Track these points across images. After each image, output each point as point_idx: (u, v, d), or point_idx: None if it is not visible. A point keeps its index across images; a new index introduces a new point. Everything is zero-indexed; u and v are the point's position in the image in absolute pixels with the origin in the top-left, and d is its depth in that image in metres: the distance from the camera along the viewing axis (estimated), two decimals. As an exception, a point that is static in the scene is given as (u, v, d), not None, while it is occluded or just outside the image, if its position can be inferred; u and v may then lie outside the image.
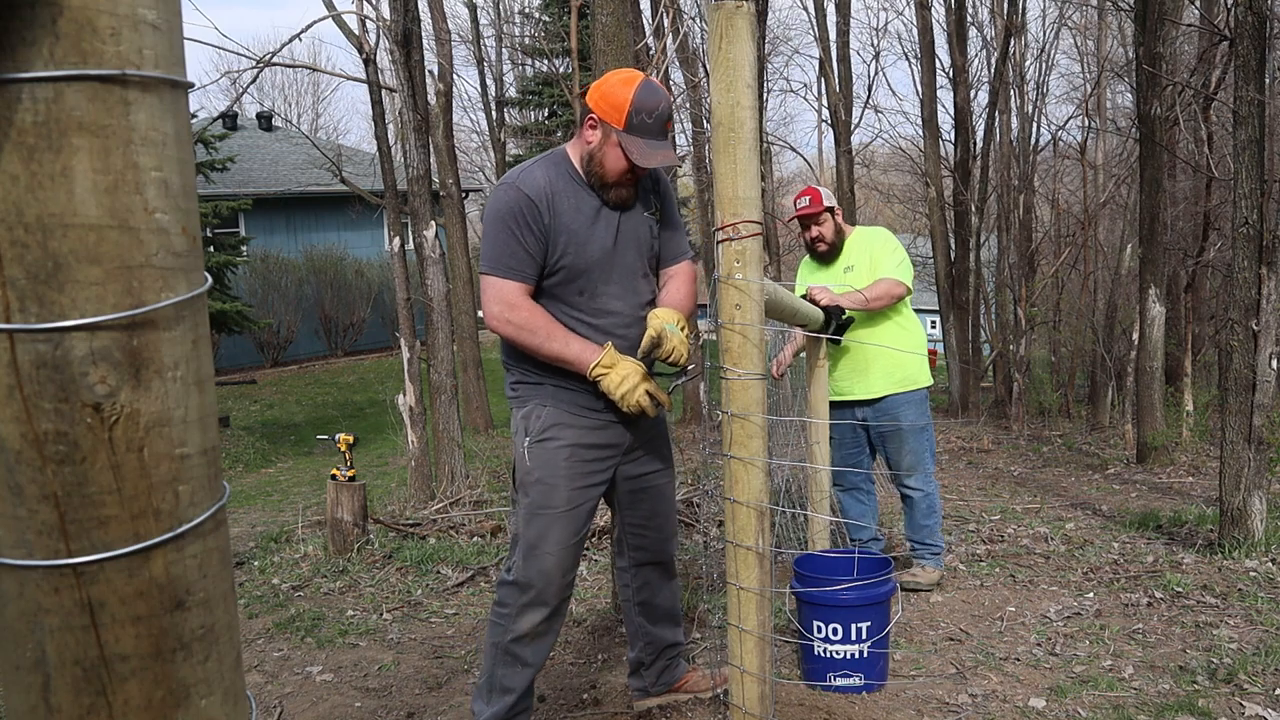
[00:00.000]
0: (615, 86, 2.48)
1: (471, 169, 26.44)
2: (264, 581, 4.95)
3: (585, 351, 2.47)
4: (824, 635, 3.11)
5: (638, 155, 2.43)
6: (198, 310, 0.85)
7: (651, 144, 2.46)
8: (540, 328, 2.45)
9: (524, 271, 2.46)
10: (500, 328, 2.47)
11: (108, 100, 0.76)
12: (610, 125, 2.46)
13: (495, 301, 2.46)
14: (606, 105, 2.47)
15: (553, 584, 2.58)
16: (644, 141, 2.45)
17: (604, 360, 2.45)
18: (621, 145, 2.44)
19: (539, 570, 2.56)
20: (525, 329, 2.44)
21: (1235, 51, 4.74)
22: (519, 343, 2.48)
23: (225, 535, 0.90)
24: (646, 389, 2.48)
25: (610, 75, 2.57)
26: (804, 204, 4.34)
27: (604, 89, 2.50)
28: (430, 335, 7.10)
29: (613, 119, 2.45)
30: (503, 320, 2.46)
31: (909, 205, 23.72)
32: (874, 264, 4.26)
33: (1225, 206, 8.39)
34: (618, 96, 2.45)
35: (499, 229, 2.47)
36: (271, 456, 12.47)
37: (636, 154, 2.43)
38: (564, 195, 2.51)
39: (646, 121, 2.44)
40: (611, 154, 2.48)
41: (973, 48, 17.30)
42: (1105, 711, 2.95)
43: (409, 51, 6.94)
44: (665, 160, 2.48)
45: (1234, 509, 4.57)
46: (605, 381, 2.46)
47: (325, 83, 38.49)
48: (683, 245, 2.78)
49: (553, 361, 2.49)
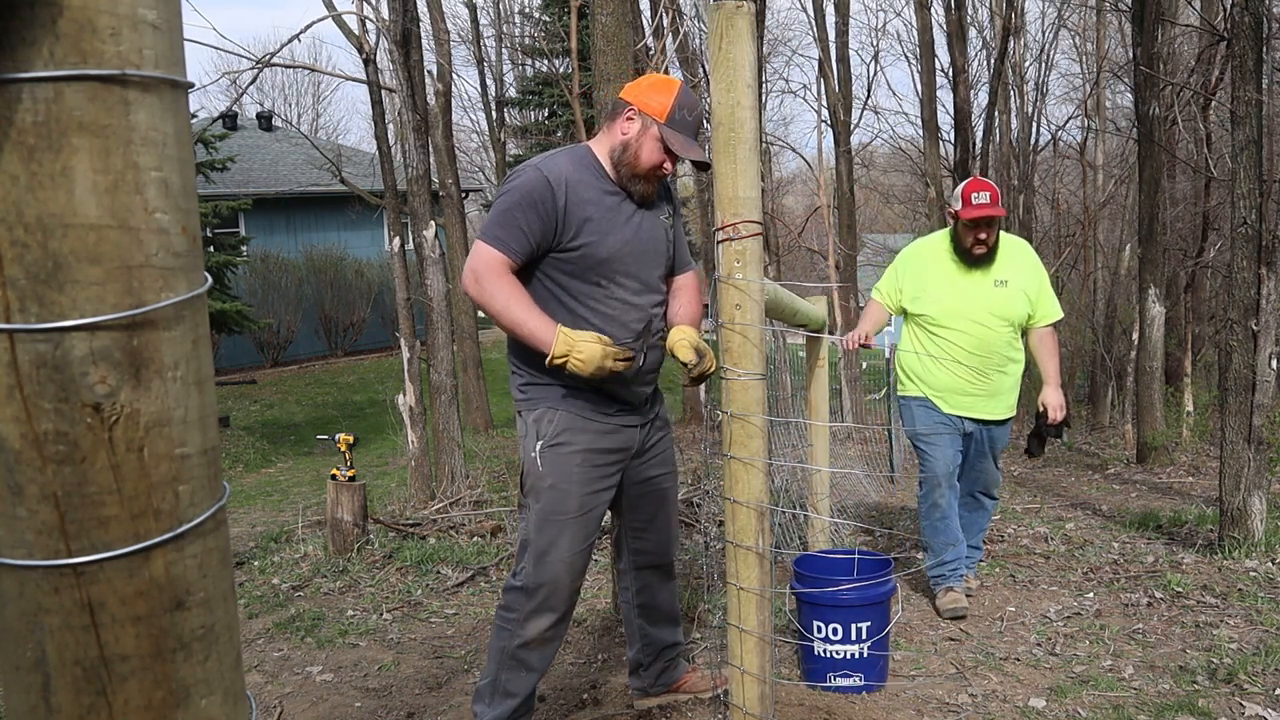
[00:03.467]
0: (658, 83, 2.60)
1: (471, 169, 26.44)
2: (264, 581, 4.95)
3: (543, 331, 2.44)
4: (824, 635, 3.11)
5: (679, 147, 2.52)
6: (198, 310, 0.85)
7: (688, 140, 2.56)
8: (502, 296, 2.45)
9: (511, 246, 2.47)
10: (470, 288, 2.50)
11: (108, 100, 0.76)
12: (652, 118, 2.53)
13: (471, 263, 2.50)
14: (650, 99, 2.55)
15: (562, 590, 2.58)
16: (682, 137, 2.54)
17: (557, 349, 2.42)
18: (663, 138, 2.52)
19: (549, 576, 2.55)
20: (488, 293, 2.46)
21: (1233, 52, 4.74)
22: (481, 305, 2.50)
23: (225, 535, 0.90)
24: (613, 356, 2.46)
25: (651, 75, 2.72)
26: (982, 200, 3.86)
27: (645, 85, 2.61)
28: (430, 335, 7.11)
29: (655, 112, 2.53)
30: (471, 282, 2.49)
31: (909, 205, 23.72)
32: (1034, 294, 3.97)
33: (1224, 207, 8.39)
34: (661, 92, 2.55)
35: (506, 202, 2.50)
36: (271, 456, 12.47)
37: (678, 146, 2.52)
38: (587, 185, 2.54)
39: (687, 118, 2.55)
40: (649, 145, 2.54)
41: (972, 48, 17.30)
42: (1105, 711, 2.95)
43: (408, 51, 6.95)
44: (699, 155, 2.57)
45: (1234, 509, 4.57)
46: (569, 367, 2.44)
47: (325, 83, 38.47)
48: (688, 255, 2.85)
49: (513, 332, 2.49)
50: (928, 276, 4.01)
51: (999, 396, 4.01)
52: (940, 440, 4.00)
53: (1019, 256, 4.05)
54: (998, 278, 3.95)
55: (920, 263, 4.07)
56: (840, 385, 11.18)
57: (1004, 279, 3.95)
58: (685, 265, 2.80)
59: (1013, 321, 3.96)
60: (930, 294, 3.98)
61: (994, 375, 3.96)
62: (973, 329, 3.91)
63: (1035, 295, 3.98)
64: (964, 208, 3.89)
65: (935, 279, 4.00)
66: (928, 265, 4.04)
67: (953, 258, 3.99)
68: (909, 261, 4.11)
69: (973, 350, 3.92)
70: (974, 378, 3.95)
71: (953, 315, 3.93)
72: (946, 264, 4.00)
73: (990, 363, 3.94)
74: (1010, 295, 3.94)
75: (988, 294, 3.94)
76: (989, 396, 3.99)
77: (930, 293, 3.99)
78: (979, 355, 3.93)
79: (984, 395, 3.98)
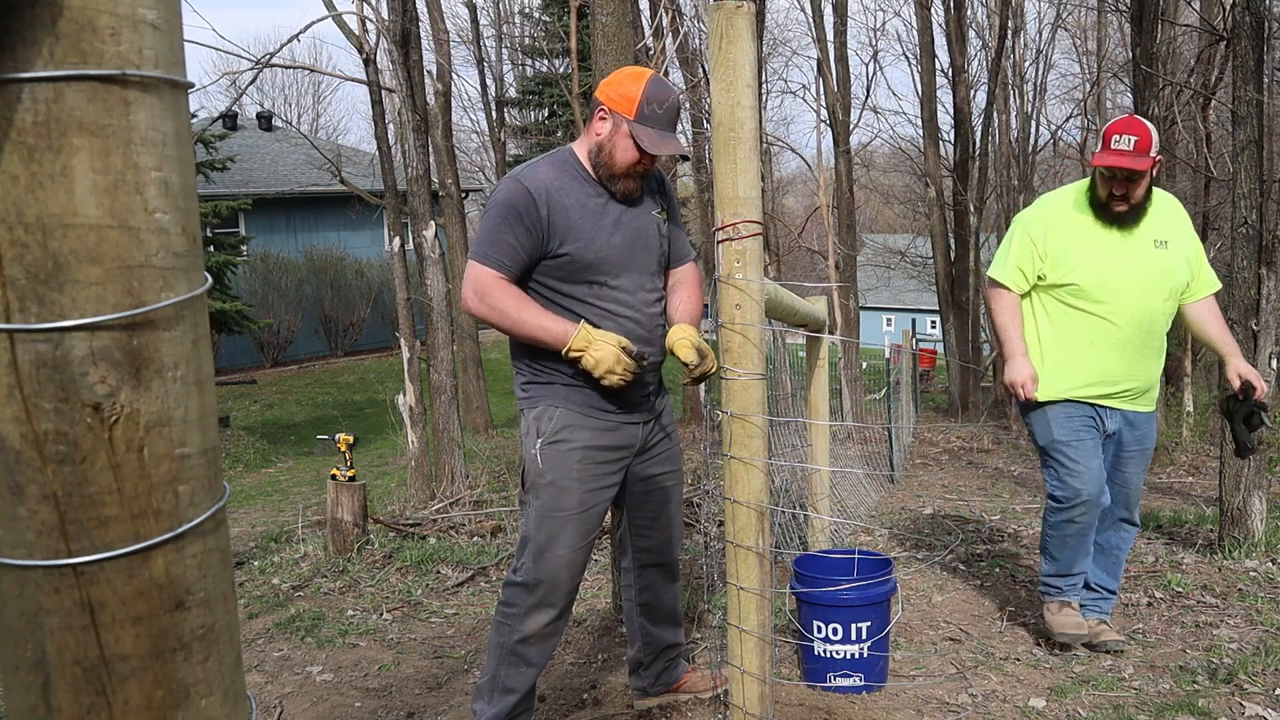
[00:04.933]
0: (626, 79, 2.53)
1: (472, 169, 26.45)
2: (264, 581, 4.95)
3: (557, 325, 2.46)
4: (824, 635, 3.11)
5: (648, 143, 2.47)
6: (198, 310, 0.85)
7: (661, 134, 2.50)
8: (511, 308, 2.46)
9: (503, 261, 2.47)
10: (475, 308, 2.50)
11: (108, 100, 0.76)
12: (621, 116, 2.49)
13: (469, 285, 2.50)
14: (618, 96, 2.51)
15: (561, 586, 2.58)
16: (654, 132, 2.49)
17: (575, 343, 2.44)
18: (632, 135, 2.48)
19: (548, 572, 2.56)
20: (496, 309, 2.47)
21: (1233, 51, 4.74)
22: (492, 322, 2.50)
23: (225, 535, 0.90)
24: (625, 363, 2.46)
25: (620, 70, 2.62)
26: (1122, 147, 3.13)
27: (615, 82, 2.55)
28: (430, 335, 7.11)
29: (624, 109, 2.49)
30: (475, 303, 2.49)
31: (909, 205, 23.74)
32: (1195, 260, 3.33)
33: (1224, 207, 8.39)
34: (629, 88, 2.50)
35: (492, 218, 2.50)
36: (271, 456, 12.47)
37: (647, 142, 2.47)
38: (568, 191, 2.53)
39: (657, 112, 2.49)
40: (621, 144, 2.51)
41: (972, 48, 17.31)
42: (1105, 711, 2.95)
43: (407, 52, 6.95)
44: (674, 150, 2.52)
45: (1234, 509, 4.57)
46: (584, 362, 2.46)
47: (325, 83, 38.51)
48: (687, 246, 2.82)
49: (530, 341, 2.50)
50: (1070, 237, 3.26)
51: (1153, 387, 3.39)
52: (1087, 448, 3.31)
53: (1175, 214, 3.36)
54: (1157, 237, 3.25)
55: (1057, 221, 3.31)
56: (840, 385, 11.18)
57: (1163, 239, 3.25)
58: (683, 257, 2.77)
59: (1175, 291, 3.28)
60: (1076, 258, 3.24)
61: (1152, 360, 3.32)
62: (1132, 301, 3.22)
63: (1196, 261, 3.34)
64: (1100, 151, 3.19)
65: (1080, 239, 3.25)
66: (1067, 224, 3.29)
67: (1094, 213, 3.27)
68: (1040, 222, 3.33)
69: (1133, 327, 3.23)
70: (1131, 362, 3.26)
71: (1107, 284, 3.21)
72: (1088, 221, 3.27)
73: (1151, 344, 3.28)
74: (1173, 259, 3.26)
75: (1148, 257, 3.22)
76: (1144, 385, 3.33)
77: (1076, 256, 3.24)
78: (1140, 333, 3.24)
79: (1139, 384, 3.31)
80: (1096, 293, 3.21)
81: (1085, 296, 3.23)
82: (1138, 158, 3.10)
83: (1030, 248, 3.30)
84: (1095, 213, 3.26)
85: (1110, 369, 3.26)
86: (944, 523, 5.81)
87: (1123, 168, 3.11)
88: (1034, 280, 3.33)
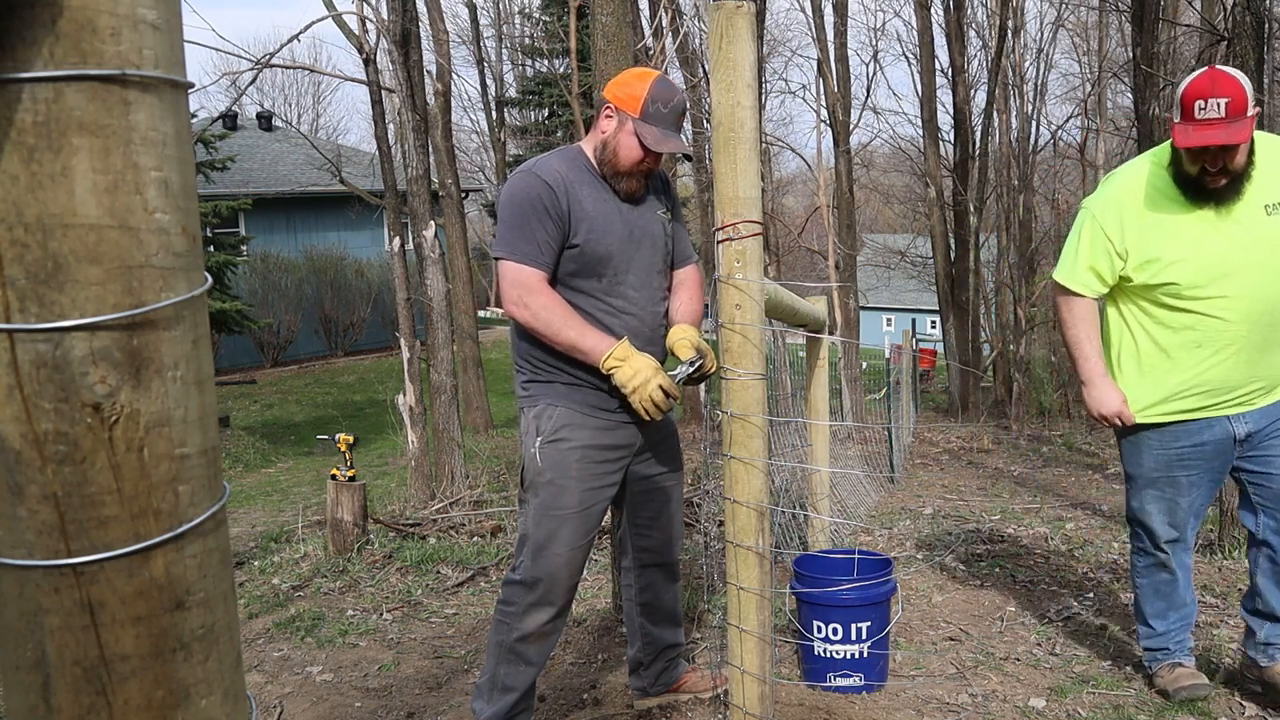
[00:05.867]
0: (633, 79, 2.57)
1: (472, 169, 26.46)
2: (264, 581, 4.95)
3: (600, 342, 2.45)
4: (824, 635, 3.11)
5: (652, 141, 2.49)
6: (198, 310, 0.85)
7: (665, 133, 2.53)
8: (557, 314, 2.45)
9: (541, 258, 2.46)
10: (518, 313, 2.47)
11: (108, 100, 0.76)
12: (626, 114, 2.52)
13: (513, 286, 2.46)
14: (624, 95, 2.54)
15: (560, 584, 2.58)
16: (658, 130, 2.52)
17: (617, 353, 2.44)
18: (637, 132, 2.50)
19: (547, 571, 2.56)
20: (542, 314, 2.44)
21: (1233, 52, 4.74)
22: (534, 329, 2.46)
23: (225, 535, 0.90)
24: (660, 384, 2.46)
25: (628, 70, 2.67)
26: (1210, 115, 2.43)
27: (621, 82, 2.58)
28: (430, 335, 7.11)
29: (629, 107, 2.52)
30: (520, 305, 2.45)
31: (909, 205, 23.74)
32: None
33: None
34: (635, 87, 2.53)
35: (516, 215, 2.48)
36: (271, 456, 12.47)
37: (651, 140, 2.49)
38: (580, 183, 2.54)
39: (662, 111, 2.52)
40: (626, 142, 2.53)
41: (972, 48, 17.32)
42: (1105, 711, 2.95)
43: (407, 52, 6.95)
44: (677, 148, 2.55)
45: (1233, 509, 4.56)
46: (619, 375, 2.44)
47: (325, 83, 38.52)
48: (689, 248, 2.84)
49: (566, 350, 2.47)
50: (1155, 225, 2.65)
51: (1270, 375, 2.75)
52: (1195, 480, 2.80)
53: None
54: (1269, 201, 2.59)
55: (1134, 207, 2.68)
56: (840, 385, 11.19)
57: (1276, 200, 2.59)
58: (686, 258, 2.79)
59: None
60: (1168, 251, 2.63)
61: (1276, 353, 2.70)
62: (1247, 290, 2.60)
63: None
64: (1181, 123, 2.50)
65: (1170, 227, 2.63)
66: (1148, 209, 2.66)
67: (1182, 190, 2.62)
68: (1113, 211, 2.71)
69: (1250, 323, 2.63)
70: (1252, 363, 2.67)
71: (1213, 276, 2.61)
72: (1176, 201, 2.64)
73: (1274, 337, 2.66)
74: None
75: (1259, 228, 2.58)
76: (1269, 384, 2.73)
77: (1168, 250, 2.63)
78: (1260, 328, 2.64)
79: (1263, 384, 2.72)
80: (1201, 289, 2.61)
81: (1187, 295, 2.64)
82: (1233, 124, 2.42)
83: (1105, 244, 2.70)
84: (1183, 189, 2.61)
85: (1226, 375, 2.67)
86: (944, 523, 5.81)
87: (1217, 144, 2.45)
88: (1114, 282, 2.74)
